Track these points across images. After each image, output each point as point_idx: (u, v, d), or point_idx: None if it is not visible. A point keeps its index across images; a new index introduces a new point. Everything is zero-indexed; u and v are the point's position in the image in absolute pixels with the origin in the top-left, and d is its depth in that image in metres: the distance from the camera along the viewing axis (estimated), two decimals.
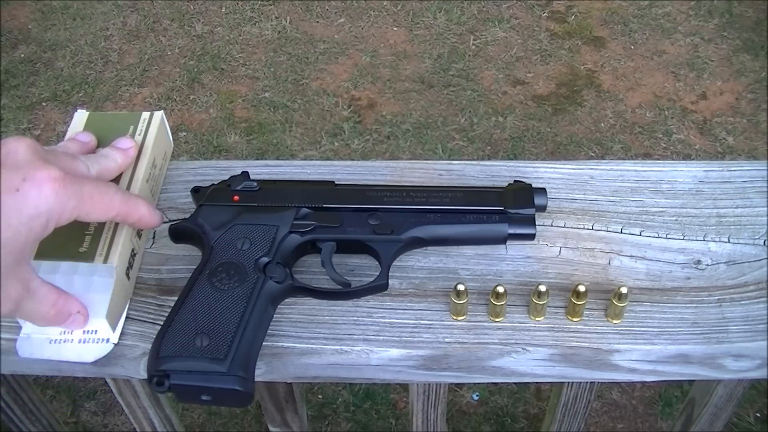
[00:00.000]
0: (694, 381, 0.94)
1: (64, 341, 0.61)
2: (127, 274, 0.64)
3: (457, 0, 2.96)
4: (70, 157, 0.59)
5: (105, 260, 0.60)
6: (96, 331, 0.61)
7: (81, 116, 0.71)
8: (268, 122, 2.56)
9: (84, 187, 0.55)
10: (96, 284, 0.61)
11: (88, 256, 0.60)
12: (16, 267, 0.53)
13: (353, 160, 0.97)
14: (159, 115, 0.71)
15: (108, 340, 0.62)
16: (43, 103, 2.64)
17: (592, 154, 2.42)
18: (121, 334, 0.63)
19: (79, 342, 0.61)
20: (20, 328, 0.62)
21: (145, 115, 0.71)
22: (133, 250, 0.65)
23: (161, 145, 0.72)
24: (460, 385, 1.82)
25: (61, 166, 0.55)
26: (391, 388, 1.83)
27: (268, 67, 2.74)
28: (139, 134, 0.69)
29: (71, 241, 0.61)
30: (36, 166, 0.53)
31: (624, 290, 0.61)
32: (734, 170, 0.74)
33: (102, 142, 0.69)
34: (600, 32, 2.86)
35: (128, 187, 0.65)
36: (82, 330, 0.61)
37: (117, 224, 0.63)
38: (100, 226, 0.62)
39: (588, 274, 0.67)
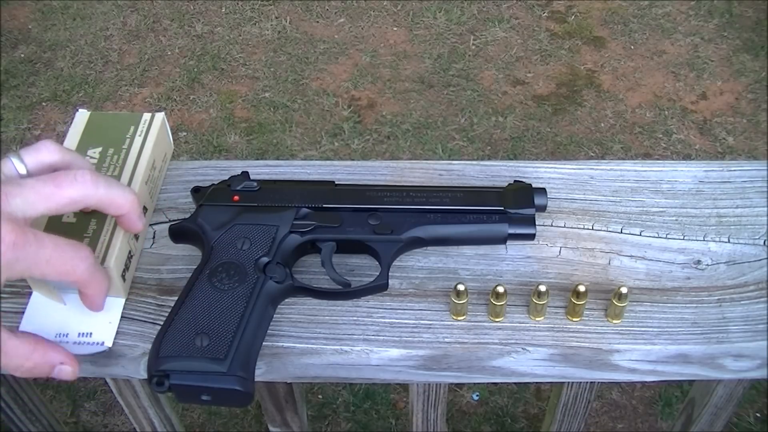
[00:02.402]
0: (694, 381, 0.94)
1: (60, 342, 0.61)
2: (123, 276, 0.64)
3: (457, 0, 2.96)
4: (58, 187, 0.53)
5: (102, 262, 0.60)
6: (90, 333, 0.61)
7: (82, 116, 0.71)
8: (268, 122, 2.56)
9: (42, 250, 0.50)
10: None
11: None
12: None
13: (353, 160, 0.97)
14: (160, 116, 0.71)
15: (103, 343, 0.61)
16: (43, 103, 2.64)
17: (592, 154, 2.43)
18: (122, 334, 0.63)
19: (74, 344, 0.61)
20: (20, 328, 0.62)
21: (146, 116, 0.71)
22: (130, 252, 0.65)
23: (161, 147, 0.72)
24: (460, 385, 1.82)
25: (24, 216, 0.50)
26: (391, 388, 1.83)
27: (268, 67, 2.74)
28: (140, 135, 0.69)
29: None
30: None
31: (624, 290, 0.61)
32: (734, 170, 0.74)
33: (102, 143, 0.69)
34: (600, 32, 2.86)
35: None
36: (77, 332, 0.61)
37: (115, 227, 0.62)
38: (99, 228, 0.62)
39: (588, 274, 0.67)
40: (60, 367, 0.57)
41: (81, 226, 0.62)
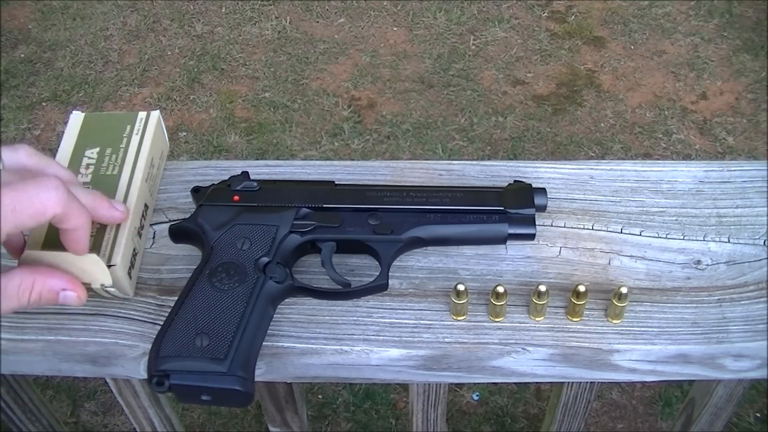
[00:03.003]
0: (694, 381, 0.94)
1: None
2: (129, 274, 0.64)
3: (457, 0, 2.96)
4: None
5: (108, 260, 0.61)
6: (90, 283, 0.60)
7: (77, 118, 0.71)
8: (268, 122, 2.56)
9: (3, 199, 0.50)
10: None
11: None
12: None
13: (353, 160, 0.97)
14: (156, 114, 0.71)
15: (102, 285, 0.61)
16: (43, 103, 2.64)
17: (592, 154, 2.43)
18: (122, 334, 0.63)
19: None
20: (19, 328, 0.62)
21: (142, 114, 0.71)
22: (134, 249, 0.65)
23: (158, 145, 0.72)
24: (460, 385, 1.82)
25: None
26: (391, 388, 1.83)
27: (268, 67, 2.74)
28: (137, 134, 0.70)
29: None
30: None
31: (624, 290, 0.61)
32: (734, 170, 0.74)
33: (99, 143, 0.69)
34: (600, 32, 2.86)
35: (128, 188, 0.65)
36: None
37: (118, 225, 0.63)
38: (102, 227, 0.62)
39: (588, 274, 0.67)
40: (64, 293, 0.56)
41: None
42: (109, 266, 0.61)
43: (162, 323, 0.60)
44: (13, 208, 0.50)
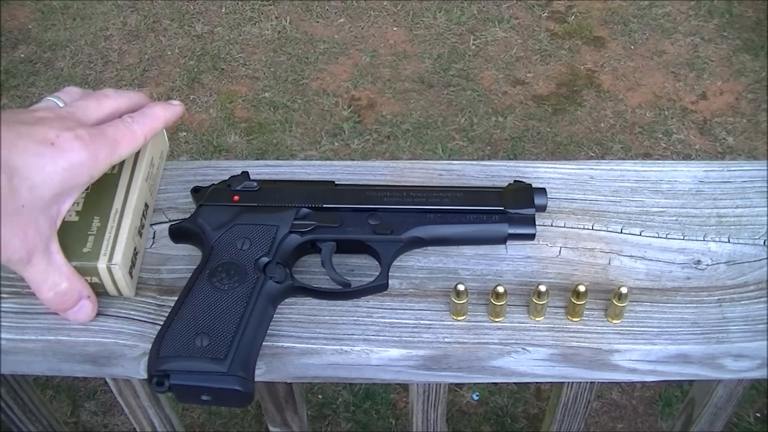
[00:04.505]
0: (694, 381, 0.94)
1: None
2: (131, 273, 0.64)
3: (457, 0, 2.96)
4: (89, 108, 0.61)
5: (110, 259, 0.61)
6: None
7: None
8: (268, 122, 2.56)
9: (106, 132, 0.59)
10: None
11: (93, 256, 0.61)
12: (40, 215, 0.55)
13: (353, 160, 0.97)
14: None
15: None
16: None
17: (592, 154, 2.43)
18: (122, 334, 0.63)
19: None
20: (19, 328, 0.62)
21: None
22: (135, 248, 0.65)
23: (158, 145, 0.72)
24: (460, 385, 1.82)
25: (79, 120, 0.59)
26: (391, 388, 1.83)
27: (268, 67, 2.74)
28: None
29: (75, 242, 0.61)
30: (65, 126, 0.57)
31: (624, 290, 0.61)
32: (734, 170, 0.74)
33: None
34: (600, 32, 2.86)
35: (129, 186, 0.66)
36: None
37: (119, 224, 0.63)
38: (103, 225, 0.63)
39: (588, 274, 0.67)
40: (83, 302, 0.60)
41: (84, 224, 0.63)
42: (109, 266, 0.61)
43: (162, 323, 0.60)
44: (115, 139, 0.59)
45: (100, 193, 0.65)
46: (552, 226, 0.70)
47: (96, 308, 0.62)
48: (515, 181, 0.70)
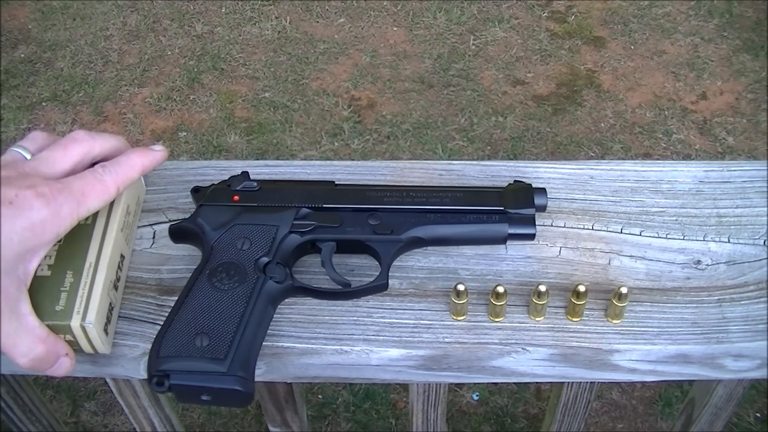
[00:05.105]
0: (694, 381, 0.94)
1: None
2: (106, 330, 0.61)
3: (457, 0, 2.96)
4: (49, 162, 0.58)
5: (83, 318, 0.58)
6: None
7: None
8: (268, 122, 2.56)
9: (72, 186, 0.56)
10: None
11: (65, 315, 0.58)
12: (4, 277, 0.52)
13: (353, 160, 0.97)
14: None
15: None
16: (43, 103, 2.64)
17: (592, 154, 2.43)
18: (122, 334, 0.63)
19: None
20: None
21: None
22: (110, 303, 0.62)
23: (135, 190, 0.69)
24: (460, 385, 1.82)
25: (43, 175, 0.56)
26: (391, 388, 1.83)
27: (268, 67, 2.74)
28: None
29: (46, 299, 0.58)
30: (27, 184, 0.54)
31: (624, 290, 0.61)
32: (734, 170, 0.74)
33: None
34: (600, 32, 2.86)
35: (103, 237, 0.62)
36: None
37: (93, 279, 0.60)
38: (76, 281, 0.59)
39: (588, 274, 0.67)
40: (62, 359, 0.58)
41: (57, 279, 0.59)
42: (83, 325, 0.58)
43: (162, 323, 0.60)
44: (82, 192, 0.57)
45: (73, 245, 0.61)
46: (552, 226, 0.70)
47: (74, 362, 0.58)
48: (515, 181, 0.70)
